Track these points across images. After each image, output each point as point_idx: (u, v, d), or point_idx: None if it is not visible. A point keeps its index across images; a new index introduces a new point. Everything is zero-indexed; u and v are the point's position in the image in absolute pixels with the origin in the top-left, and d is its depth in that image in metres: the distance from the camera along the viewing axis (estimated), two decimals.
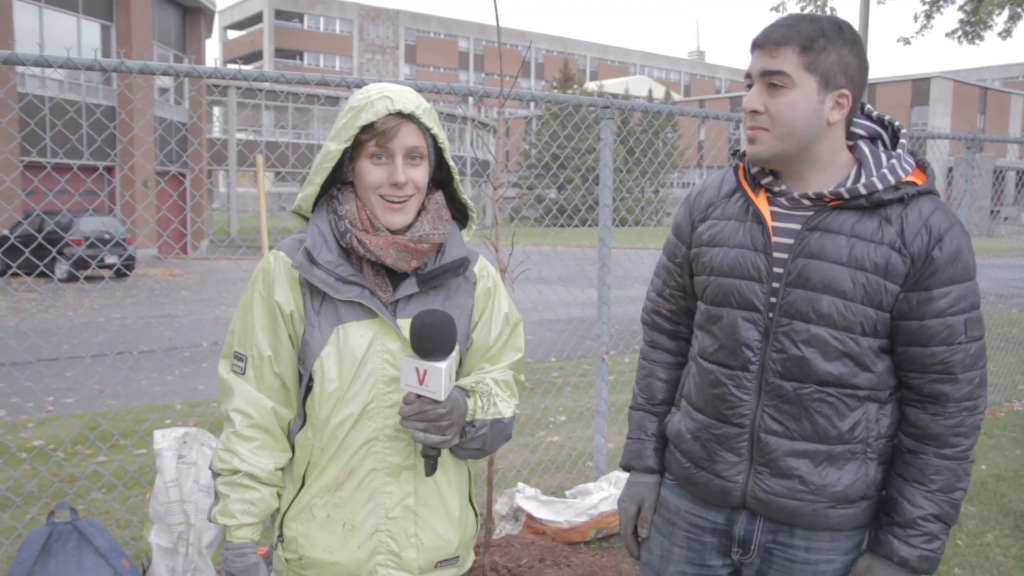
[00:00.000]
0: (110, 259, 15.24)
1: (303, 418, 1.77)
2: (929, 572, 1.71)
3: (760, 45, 1.69)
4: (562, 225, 5.77)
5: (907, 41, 11.64)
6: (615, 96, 4.65)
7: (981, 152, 6.22)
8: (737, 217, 1.80)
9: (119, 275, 15.87)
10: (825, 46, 1.65)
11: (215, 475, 1.76)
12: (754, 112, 1.70)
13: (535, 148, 43.27)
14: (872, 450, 1.74)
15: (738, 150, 1.89)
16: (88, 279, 4.22)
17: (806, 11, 11.56)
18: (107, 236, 15.58)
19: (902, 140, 1.76)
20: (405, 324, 1.71)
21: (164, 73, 3.41)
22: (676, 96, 70.66)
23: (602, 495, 4.19)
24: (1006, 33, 10.98)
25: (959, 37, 11.21)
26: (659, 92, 59.76)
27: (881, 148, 1.77)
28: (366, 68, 67.93)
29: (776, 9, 11.84)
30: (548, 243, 6.70)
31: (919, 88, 51.24)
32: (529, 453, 5.48)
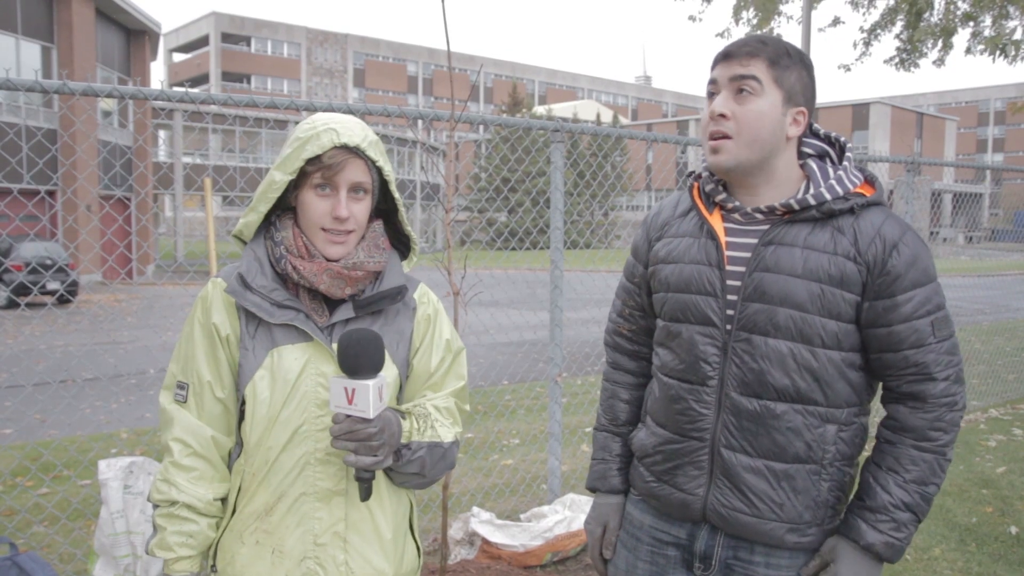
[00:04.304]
0: (52, 285, 14.88)
1: (240, 445, 1.76)
2: (892, 561, 1.72)
3: (731, 55, 1.74)
4: (513, 248, 5.79)
5: (847, 68, 11.94)
6: (564, 120, 4.70)
7: (919, 175, 6.42)
8: (692, 234, 1.85)
9: (62, 301, 15.48)
10: (790, 64, 1.73)
11: (154, 506, 1.74)
12: (721, 116, 1.73)
13: (486, 172, 43.43)
14: (827, 473, 1.75)
15: (692, 171, 1.93)
16: (29, 305, 4.11)
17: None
18: (49, 261, 15.23)
19: (848, 155, 1.82)
20: None
21: (108, 95, 3.36)
22: (624, 120, 71.61)
23: (557, 518, 4.18)
24: (940, 62, 11.34)
25: (896, 64, 11.53)
26: (607, 116, 60.47)
27: (829, 164, 1.83)
28: (314, 92, 67.60)
29: (721, 35, 12.05)
30: (500, 266, 6.71)
31: (859, 113, 52.69)
32: (483, 477, 5.45)
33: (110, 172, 22.06)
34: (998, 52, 9.63)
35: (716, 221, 1.81)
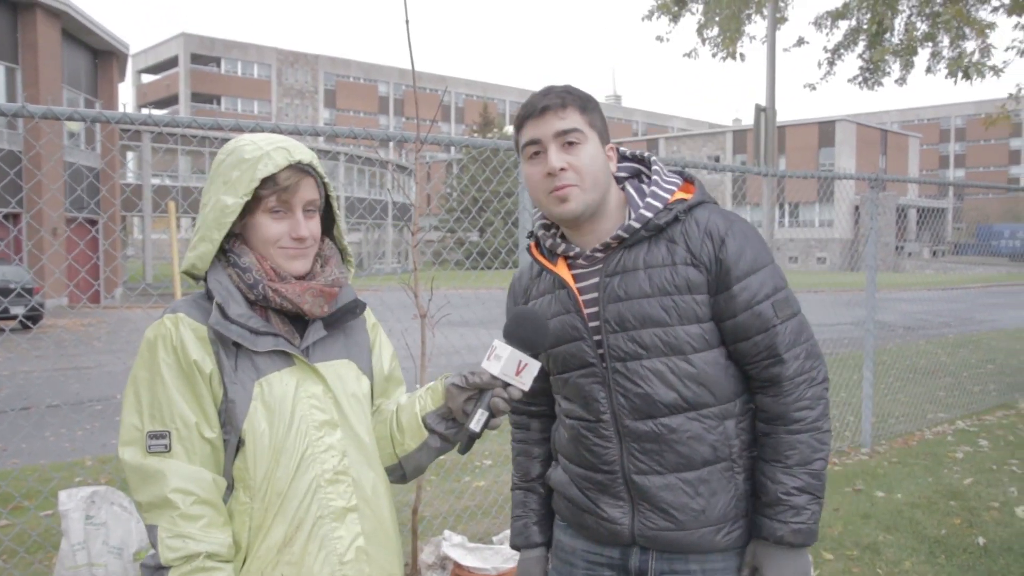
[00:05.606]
0: (15, 310, 14.62)
1: (230, 484, 1.68)
2: (807, 544, 1.76)
3: (547, 108, 1.79)
4: (483, 268, 5.81)
5: (813, 87, 12.11)
6: None
7: (884, 191, 6.51)
8: (548, 290, 1.93)
9: (25, 327, 15.19)
10: (593, 108, 1.84)
11: (161, 569, 1.57)
12: (561, 170, 1.78)
13: (455, 191, 43.45)
14: (739, 466, 1.81)
15: (531, 232, 2.00)
16: None
17: (716, 58, 11.96)
18: (11, 286, 14.96)
19: (654, 167, 1.91)
20: (323, 368, 1.74)
21: (70, 118, 3.31)
22: None
23: None
24: (902, 80, 11.54)
25: (859, 83, 11.72)
26: None
27: (645, 181, 1.91)
28: (285, 112, 67.44)
29: (688, 55, 12.19)
30: (470, 286, 6.70)
31: (825, 131, 53.45)
32: (455, 499, 5.41)
33: (74, 195, 21.79)
34: (960, 74, 9.81)
35: (563, 270, 1.88)
